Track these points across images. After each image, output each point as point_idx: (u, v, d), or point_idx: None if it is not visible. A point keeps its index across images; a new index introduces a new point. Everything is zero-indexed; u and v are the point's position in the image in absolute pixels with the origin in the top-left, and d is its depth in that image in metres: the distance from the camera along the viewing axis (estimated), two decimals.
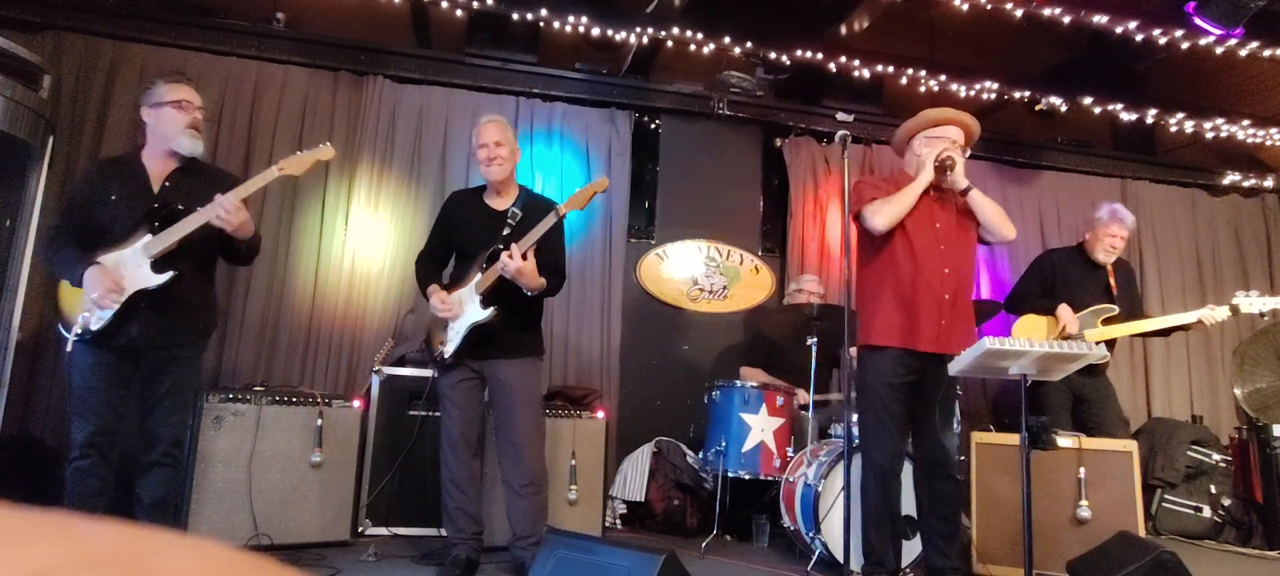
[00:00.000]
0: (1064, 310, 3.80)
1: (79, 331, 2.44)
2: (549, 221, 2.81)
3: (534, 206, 2.95)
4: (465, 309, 2.83)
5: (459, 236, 3.01)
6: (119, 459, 2.61)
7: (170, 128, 2.61)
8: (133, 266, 2.48)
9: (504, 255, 2.71)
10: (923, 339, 2.82)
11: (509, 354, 2.88)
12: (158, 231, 2.50)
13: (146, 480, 2.62)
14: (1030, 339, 2.92)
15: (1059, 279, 3.98)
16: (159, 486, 2.64)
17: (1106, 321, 3.83)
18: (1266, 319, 3.94)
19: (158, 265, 2.49)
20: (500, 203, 2.98)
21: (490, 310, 2.78)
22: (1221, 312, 3.71)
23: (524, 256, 2.71)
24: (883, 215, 2.84)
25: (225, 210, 2.48)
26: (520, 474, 2.86)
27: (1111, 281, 3.95)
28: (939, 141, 2.93)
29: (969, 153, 3.04)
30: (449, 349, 2.84)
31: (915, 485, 3.01)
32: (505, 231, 2.87)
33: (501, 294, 2.79)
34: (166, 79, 2.67)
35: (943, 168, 2.85)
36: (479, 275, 2.83)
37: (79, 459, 2.49)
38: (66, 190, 2.81)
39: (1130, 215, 3.99)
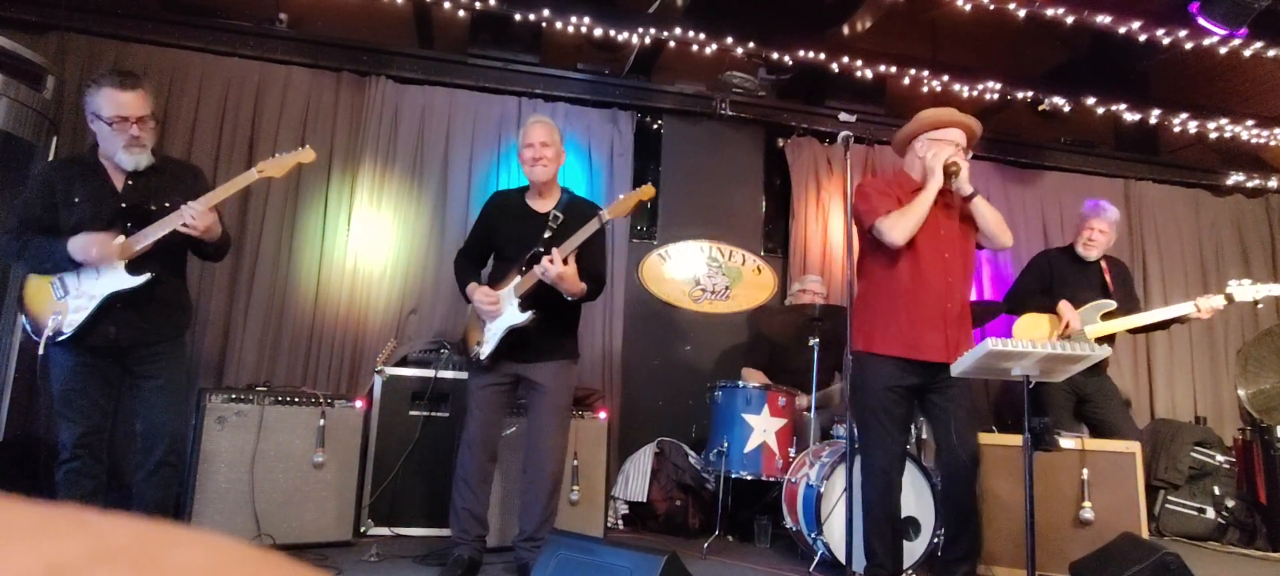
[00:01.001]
0: (1065, 306, 3.81)
1: (51, 333, 2.38)
2: (591, 227, 2.80)
3: (576, 209, 2.95)
4: (504, 310, 2.82)
5: (499, 237, 3.00)
6: (115, 463, 2.59)
7: (107, 145, 2.51)
8: (108, 269, 2.45)
9: (544, 259, 2.70)
10: (929, 349, 2.81)
11: (545, 356, 2.89)
12: (130, 232, 2.46)
13: (149, 483, 2.58)
14: (1033, 338, 2.92)
15: (1056, 277, 3.98)
16: (160, 489, 2.61)
17: (1106, 317, 3.83)
18: (1261, 306, 3.95)
19: (133, 266, 2.46)
20: (542, 204, 2.97)
21: (528, 314, 2.78)
22: (1216, 300, 3.72)
23: (565, 261, 2.71)
24: (901, 229, 2.80)
25: (191, 217, 2.44)
26: (542, 476, 2.88)
27: (1107, 278, 3.96)
28: (941, 144, 2.91)
29: (971, 154, 3.04)
30: (486, 350, 2.83)
31: (939, 486, 3.00)
32: (546, 234, 2.86)
33: (540, 297, 2.79)
34: (104, 83, 2.47)
35: (949, 173, 2.85)
36: (518, 277, 2.82)
37: (70, 460, 2.46)
38: (23, 194, 2.66)
39: (1114, 209, 3.99)
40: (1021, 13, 4.17)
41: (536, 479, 2.89)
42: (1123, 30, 4.27)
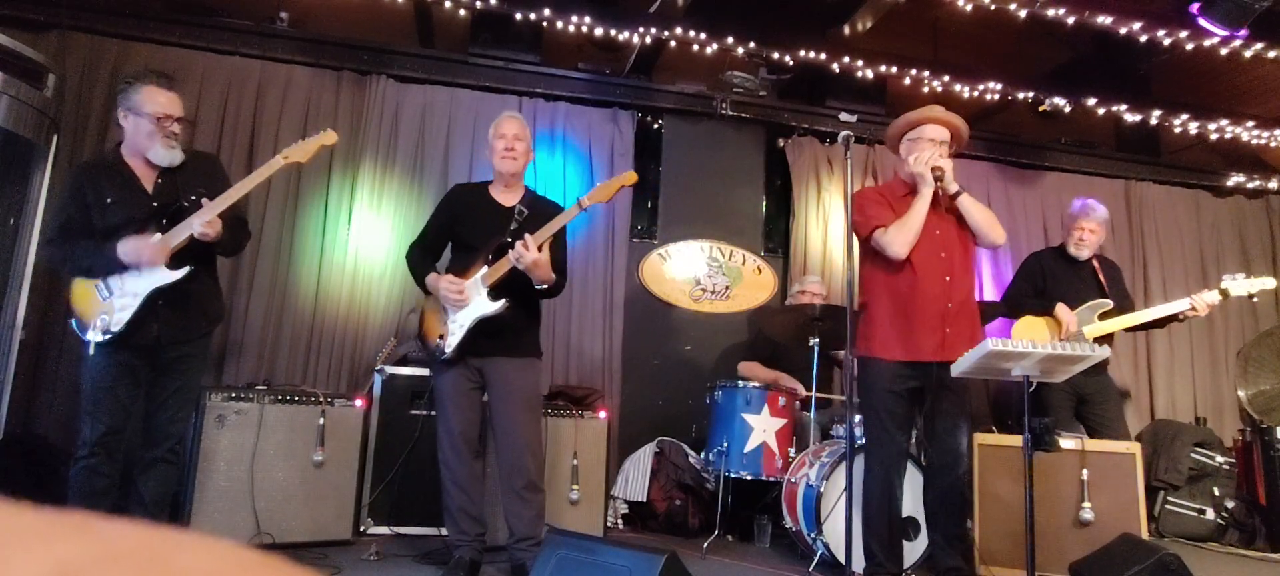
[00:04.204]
0: (1062, 309, 3.80)
1: (101, 335, 2.44)
2: (570, 213, 2.81)
3: (540, 205, 2.96)
4: (471, 300, 2.80)
5: (463, 229, 2.97)
6: (124, 460, 2.62)
7: (145, 140, 2.58)
8: (148, 266, 2.50)
9: (519, 244, 2.68)
10: (924, 349, 2.83)
11: (510, 352, 2.85)
12: (166, 229, 2.52)
13: (149, 477, 2.63)
14: (1032, 340, 2.92)
15: (1049, 279, 3.97)
16: (161, 483, 2.66)
17: (1103, 316, 3.83)
18: (1256, 300, 3.96)
19: (172, 261, 2.52)
20: (507, 198, 2.97)
21: (501, 302, 2.75)
22: (1211, 296, 3.74)
23: (539, 248, 2.70)
24: (900, 241, 2.84)
25: (202, 225, 2.50)
26: (520, 475, 2.82)
27: (1100, 278, 3.95)
28: (920, 143, 2.94)
29: (956, 148, 3.05)
30: (451, 343, 2.79)
31: (925, 486, 3.01)
32: (512, 226, 2.85)
33: (509, 288, 2.78)
34: (144, 82, 2.59)
35: (934, 176, 2.87)
36: (485, 268, 2.80)
37: (88, 457, 2.50)
38: (59, 200, 2.77)
39: (1102, 208, 3.98)
40: (1022, 13, 4.16)
41: (516, 480, 2.82)
42: (1124, 31, 4.27)
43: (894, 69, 4.74)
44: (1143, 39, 4.32)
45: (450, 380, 2.86)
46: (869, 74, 4.71)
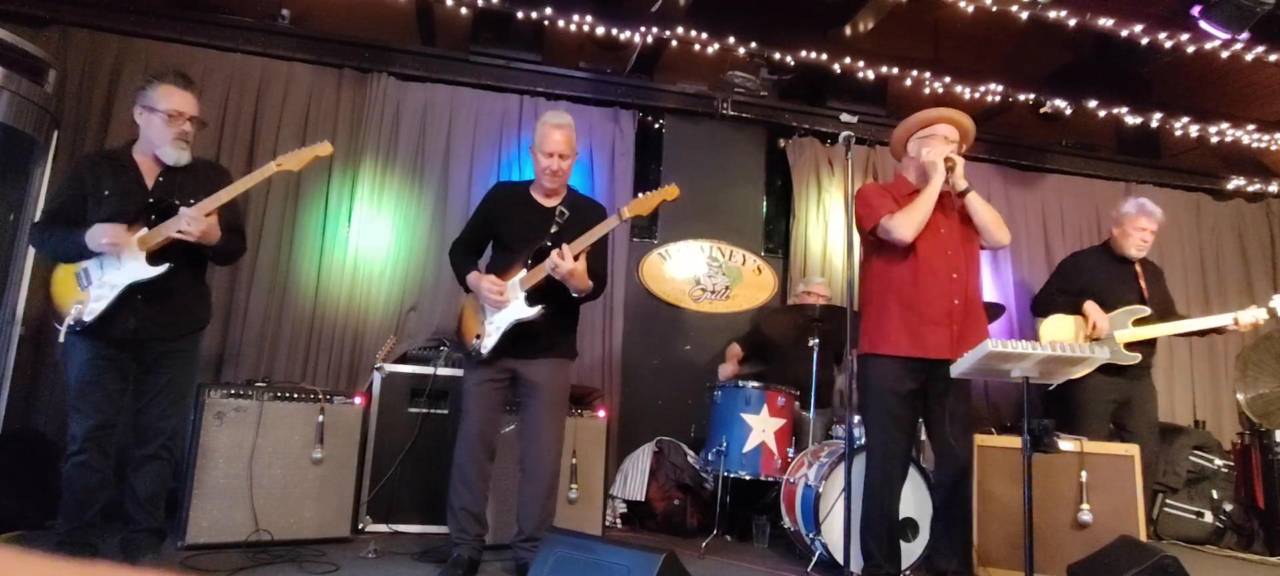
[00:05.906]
0: (1092, 307, 3.75)
1: (72, 322, 2.43)
2: (610, 224, 2.80)
3: (581, 207, 2.94)
4: (510, 302, 2.80)
5: (502, 228, 2.97)
6: (115, 452, 2.61)
7: (156, 136, 2.60)
8: (129, 260, 2.50)
9: (554, 254, 2.68)
10: (931, 347, 2.81)
11: (545, 353, 2.86)
12: (154, 225, 2.51)
13: (142, 473, 2.62)
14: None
15: (1088, 280, 3.88)
16: (153, 480, 2.65)
17: (1139, 322, 3.77)
18: None
19: (153, 258, 2.51)
20: (549, 200, 2.95)
21: (538, 308, 2.76)
22: (1259, 314, 3.61)
23: (576, 258, 2.69)
24: (908, 226, 2.82)
25: (186, 224, 2.49)
26: (540, 475, 2.85)
27: (1141, 283, 3.87)
28: (933, 141, 2.94)
29: (964, 148, 3.05)
30: (488, 344, 2.80)
31: (930, 488, 3.01)
32: (552, 229, 2.84)
33: (545, 292, 2.78)
34: (163, 81, 2.61)
35: (947, 168, 2.87)
36: (523, 271, 2.80)
37: (78, 453, 2.48)
38: (59, 183, 2.80)
39: (1157, 208, 3.91)
40: (1024, 15, 4.16)
41: (534, 478, 2.87)
42: (1125, 33, 4.26)
43: (895, 70, 4.74)
44: (1144, 41, 4.31)
45: (478, 378, 2.87)
46: (870, 75, 4.71)
